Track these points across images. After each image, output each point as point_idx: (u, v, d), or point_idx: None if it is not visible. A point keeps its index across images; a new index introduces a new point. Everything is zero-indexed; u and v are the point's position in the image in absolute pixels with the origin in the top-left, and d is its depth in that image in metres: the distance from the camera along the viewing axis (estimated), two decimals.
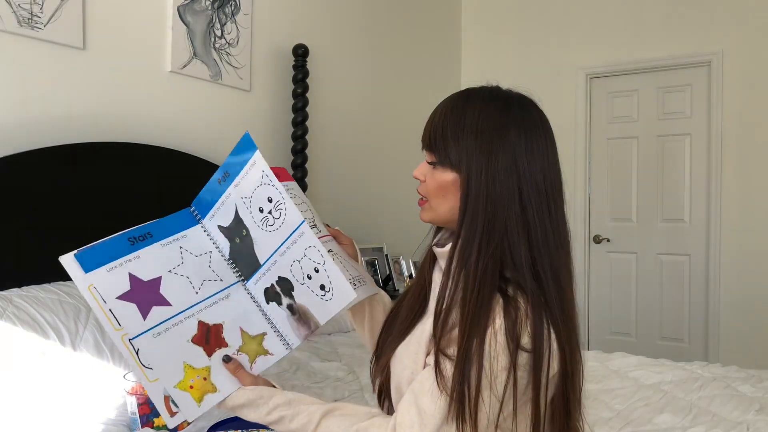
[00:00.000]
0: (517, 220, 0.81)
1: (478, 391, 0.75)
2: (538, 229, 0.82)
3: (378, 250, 3.48)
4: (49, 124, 2.10)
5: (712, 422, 1.56)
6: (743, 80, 3.64)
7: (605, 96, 4.11)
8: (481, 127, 0.83)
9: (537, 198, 0.83)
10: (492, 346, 0.76)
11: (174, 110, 2.55)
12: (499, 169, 0.82)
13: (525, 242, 0.81)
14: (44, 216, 1.99)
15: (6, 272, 1.84)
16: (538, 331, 0.77)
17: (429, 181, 0.89)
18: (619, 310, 4.08)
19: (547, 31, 4.24)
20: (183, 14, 2.54)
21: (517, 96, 0.89)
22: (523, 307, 0.78)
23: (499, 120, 0.84)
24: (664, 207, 3.93)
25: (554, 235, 0.83)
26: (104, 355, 1.69)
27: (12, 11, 1.97)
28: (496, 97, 0.87)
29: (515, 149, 0.82)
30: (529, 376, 0.77)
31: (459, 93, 0.90)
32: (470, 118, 0.84)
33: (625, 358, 2.20)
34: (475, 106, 0.85)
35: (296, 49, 2.95)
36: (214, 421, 1.41)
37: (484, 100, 0.86)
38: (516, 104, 0.87)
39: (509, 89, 0.90)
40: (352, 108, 3.55)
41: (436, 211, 0.89)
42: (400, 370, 0.87)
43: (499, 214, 0.81)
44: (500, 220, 0.81)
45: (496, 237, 0.81)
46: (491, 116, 0.84)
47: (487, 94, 0.87)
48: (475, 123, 0.84)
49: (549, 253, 0.82)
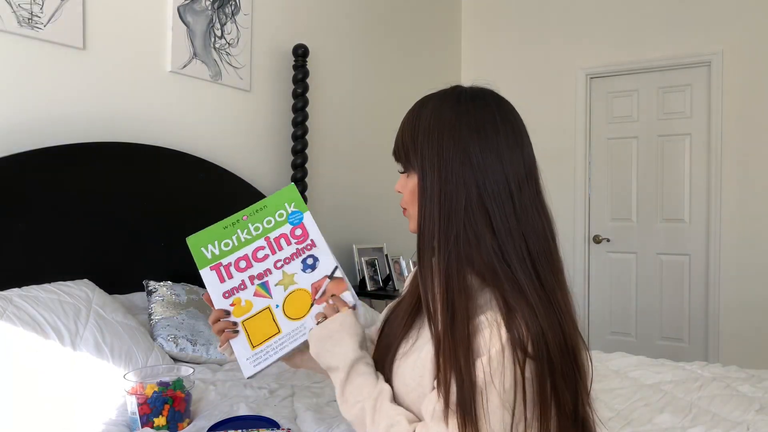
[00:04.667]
0: (475, 209, 0.80)
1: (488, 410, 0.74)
2: (499, 216, 0.80)
3: (378, 250, 3.48)
4: (49, 124, 2.10)
5: (712, 422, 1.56)
6: (743, 80, 3.64)
7: (605, 96, 4.11)
8: (432, 127, 0.84)
9: (498, 187, 0.81)
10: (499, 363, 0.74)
11: (174, 110, 2.55)
12: (452, 163, 0.81)
13: (488, 230, 0.80)
14: (44, 216, 1.99)
15: (6, 272, 1.84)
16: (539, 336, 0.75)
17: (404, 191, 0.91)
18: (619, 310, 4.08)
19: (547, 31, 4.24)
20: (183, 14, 2.54)
21: (470, 91, 0.88)
22: (520, 312, 0.75)
23: (450, 116, 0.84)
24: (664, 207, 3.93)
25: (522, 221, 0.80)
26: (104, 355, 1.69)
27: (12, 11, 1.97)
28: (449, 96, 0.87)
29: (468, 142, 0.82)
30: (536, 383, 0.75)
31: (419, 101, 0.90)
32: (423, 120, 0.85)
33: (625, 358, 2.20)
34: (429, 109, 0.86)
35: (296, 49, 2.95)
36: (214, 421, 1.41)
37: (438, 100, 0.87)
38: (467, 98, 0.86)
39: (470, 86, 0.89)
40: (352, 108, 3.55)
41: (415, 219, 0.88)
42: (404, 391, 0.85)
43: (455, 206, 0.81)
44: (457, 213, 0.80)
45: (453, 229, 0.80)
46: (442, 114, 0.84)
47: (441, 95, 0.88)
48: (427, 122, 0.85)
49: (521, 239, 0.79)
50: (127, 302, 2.09)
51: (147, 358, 1.79)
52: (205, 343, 1.98)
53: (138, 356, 1.77)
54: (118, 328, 1.81)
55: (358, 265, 3.29)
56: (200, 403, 1.58)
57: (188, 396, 1.44)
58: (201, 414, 1.49)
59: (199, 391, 1.64)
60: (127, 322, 1.86)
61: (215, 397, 1.61)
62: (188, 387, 1.45)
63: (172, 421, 1.37)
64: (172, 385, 1.41)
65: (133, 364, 1.72)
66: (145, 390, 1.38)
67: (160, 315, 2.01)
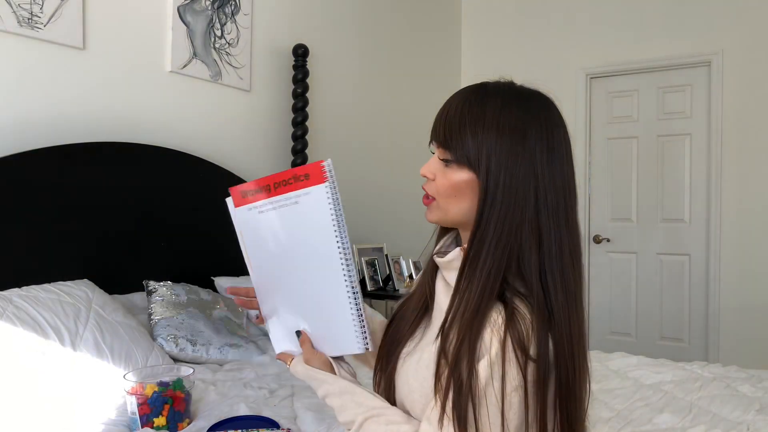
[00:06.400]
0: (530, 225, 0.77)
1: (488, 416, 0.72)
2: (552, 236, 0.77)
3: (378, 250, 3.48)
4: (49, 124, 2.10)
5: (712, 422, 1.55)
6: (743, 80, 3.64)
7: (605, 96, 4.11)
8: (502, 124, 0.77)
9: (553, 203, 0.78)
10: (499, 365, 0.72)
11: (174, 110, 2.55)
12: (519, 170, 0.77)
13: (536, 249, 0.76)
14: (44, 216, 1.99)
15: (6, 272, 1.84)
16: (542, 342, 0.73)
17: (440, 180, 0.82)
18: (619, 310, 4.07)
19: (547, 31, 4.24)
20: (183, 14, 2.54)
21: (537, 94, 0.83)
22: (528, 317, 0.74)
23: (521, 118, 0.78)
24: (664, 207, 3.93)
25: (567, 243, 0.78)
26: (104, 355, 1.69)
27: (12, 11, 1.96)
28: (517, 94, 0.81)
29: (535, 151, 0.77)
30: (535, 388, 0.73)
31: (475, 86, 0.83)
32: (491, 113, 0.78)
33: (625, 358, 2.20)
34: (496, 102, 0.79)
35: (296, 49, 2.95)
36: (214, 421, 1.41)
37: (505, 95, 0.80)
38: (537, 103, 0.81)
39: (528, 86, 0.84)
40: (352, 108, 3.55)
41: (446, 212, 0.83)
42: (407, 391, 0.83)
43: (512, 217, 0.76)
44: (513, 224, 0.76)
45: (504, 240, 0.76)
46: (512, 114, 0.78)
47: (507, 90, 0.81)
48: (496, 119, 0.77)
49: (561, 262, 0.77)
50: (127, 302, 2.09)
51: (147, 358, 1.79)
52: (205, 343, 1.98)
53: (138, 356, 1.77)
54: (118, 328, 1.81)
55: (358, 265, 3.29)
56: (200, 403, 1.58)
57: (188, 396, 1.44)
58: (201, 414, 1.49)
59: (199, 391, 1.64)
60: (127, 322, 1.86)
61: (215, 397, 1.61)
62: (188, 387, 1.44)
63: (172, 421, 1.37)
64: (172, 385, 1.41)
65: (133, 364, 1.72)
66: (145, 390, 1.38)
67: (160, 315, 2.01)
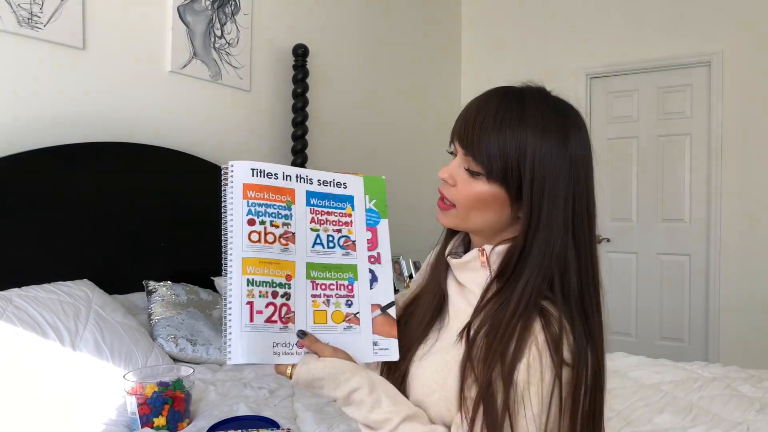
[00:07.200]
0: (568, 248, 0.76)
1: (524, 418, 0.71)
2: (588, 257, 0.78)
3: None
4: (49, 124, 2.10)
5: (712, 422, 1.56)
6: (743, 80, 3.64)
7: (605, 96, 4.11)
8: (543, 150, 0.74)
9: (586, 224, 0.77)
10: (536, 369, 0.71)
11: (174, 110, 2.55)
12: (559, 195, 0.75)
13: (576, 272, 0.76)
14: (44, 216, 1.99)
15: (6, 272, 1.84)
16: (580, 346, 0.73)
17: (463, 189, 0.78)
18: (619, 310, 4.07)
19: (547, 31, 4.24)
20: (183, 14, 2.54)
21: (573, 110, 0.80)
22: (559, 321, 0.74)
23: (561, 133, 0.75)
24: (664, 207, 3.93)
25: (594, 256, 0.79)
26: (104, 355, 1.69)
27: (12, 11, 1.96)
28: (549, 103, 0.78)
29: (571, 174, 0.75)
30: (567, 392, 0.73)
31: (505, 91, 0.78)
32: (532, 127, 0.74)
33: (625, 358, 2.20)
34: (535, 113, 0.75)
35: (296, 49, 2.95)
36: (214, 421, 1.41)
37: (538, 104, 0.76)
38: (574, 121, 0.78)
39: (558, 96, 0.81)
40: (352, 108, 3.55)
41: (465, 221, 0.80)
42: (426, 392, 0.80)
43: (554, 242, 0.75)
44: (555, 249, 0.75)
45: (546, 264, 0.75)
46: (551, 127, 0.75)
47: (537, 97, 0.78)
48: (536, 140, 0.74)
49: (591, 274, 0.79)
50: (127, 302, 2.09)
51: (147, 358, 1.79)
52: (204, 343, 1.98)
53: (138, 356, 1.77)
54: (118, 328, 1.81)
55: None
56: (200, 403, 1.58)
57: (188, 396, 1.44)
58: (201, 414, 1.49)
59: (198, 391, 1.64)
60: (127, 322, 1.86)
61: (215, 397, 1.61)
62: (188, 387, 1.45)
63: (172, 421, 1.37)
64: (172, 385, 1.41)
65: (133, 364, 1.72)
66: (145, 390, 1.38)
67: (160, 315, 2.01)
